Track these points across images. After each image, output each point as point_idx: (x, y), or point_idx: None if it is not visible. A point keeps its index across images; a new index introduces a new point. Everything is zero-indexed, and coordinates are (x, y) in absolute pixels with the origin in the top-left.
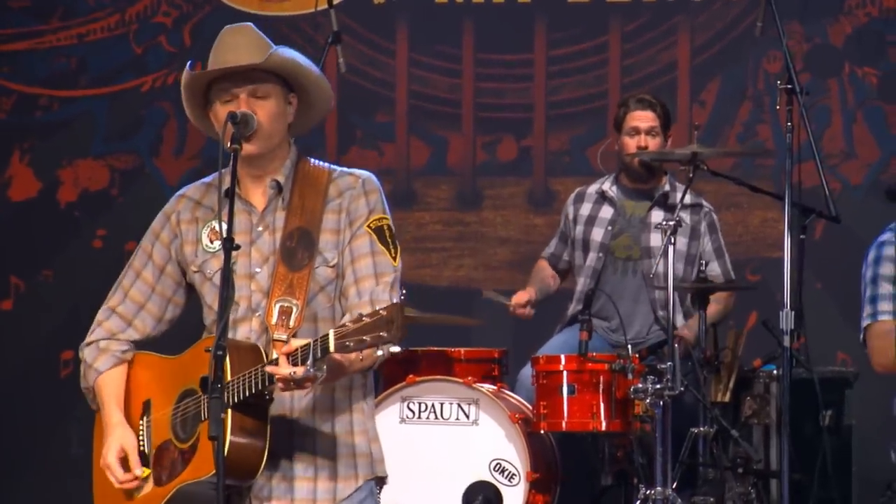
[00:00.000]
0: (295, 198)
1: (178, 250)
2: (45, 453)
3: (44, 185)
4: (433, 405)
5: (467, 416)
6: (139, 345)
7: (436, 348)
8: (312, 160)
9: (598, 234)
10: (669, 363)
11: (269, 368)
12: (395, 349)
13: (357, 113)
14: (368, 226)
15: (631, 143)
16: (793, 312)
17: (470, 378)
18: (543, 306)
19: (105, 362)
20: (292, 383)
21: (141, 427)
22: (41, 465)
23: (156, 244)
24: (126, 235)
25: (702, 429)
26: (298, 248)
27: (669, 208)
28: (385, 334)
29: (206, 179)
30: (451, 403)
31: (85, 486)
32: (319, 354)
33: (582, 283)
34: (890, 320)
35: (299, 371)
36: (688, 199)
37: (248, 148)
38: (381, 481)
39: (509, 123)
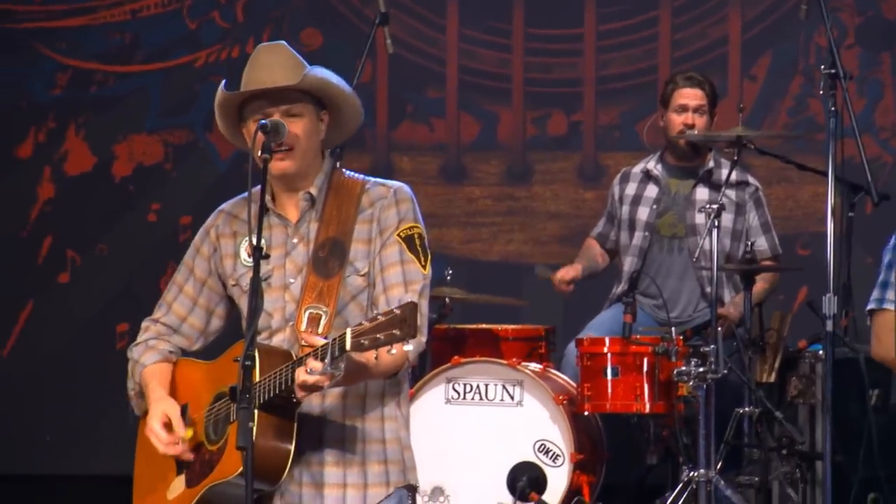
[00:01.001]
0: (328, 209)
1: (218, 263)
2: (101, 424)
3: (99, 160)
4: (478, 386)
5: (512, 398)
6: (181, 355)
7: (484, 325)
8: (347, 172)
9: (643, 214)
10: (713, 346)
11: (297, 373)
12: (409, 348)
13: (408, 88)
14: (398, 235)
15: (678, 121)
16: (836, 297)
17: (515, 359)
18: (594, 283)
19: (151, 357)
20: (309, 382)
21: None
22: (98, 437)
23: (196, 258)
24: (179, 209)
25: (747, 409)
26: (329, 258)
27: (714, 185)
28: (398, 332)
29: (244, 194)
30: (495, 384)
31: None
32: (337, 353)
33: (629, 263)
34: (892, 310)
35: (317, 367)
36: (733, 176)
37: (282, 166)
38: (412, 489)
39: (559, 98)
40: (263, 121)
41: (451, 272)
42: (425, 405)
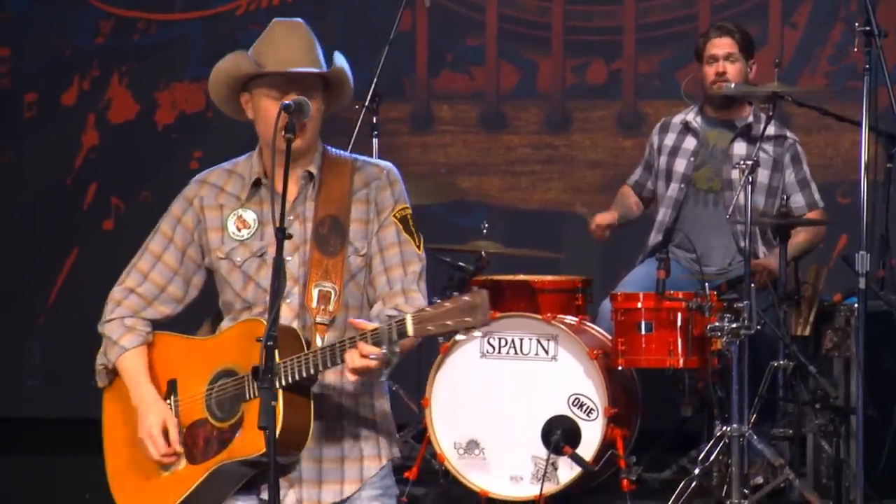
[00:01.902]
0: (324, 187)
1: (202, 234)
2: None
3: (142, 108)
4: (513, 340)
5: (546, 352)
6: (155, 326)
7: (522, 277)
8: (333, 150)
9: (680, 165)
10: (746, 302)
11: (348, 357)
12: (478, 334)
13: (447, 37)
14: (394, 216)
15: (710, 71)
16: (868, 255)
17: (549, 314)
18: (630, 233)
19: (131, 340)
20: (371, 367)
21: (168, 406)
22: None
23: (177, 228)
24: (221, 157)
25: (781, 362)
26: (330, 235)
27: (752, 140)
28: (470, 319)
29: (226, 166)
30: (530, 339)
31: None
32: (396, 337)
33: (663, 214)
34: None
35: (377, 352)
36: (771, 130)
37: (296, 144)
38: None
39: (599, 46)
40: (287, 102)
41: (487, 226)
42: (460, 359)
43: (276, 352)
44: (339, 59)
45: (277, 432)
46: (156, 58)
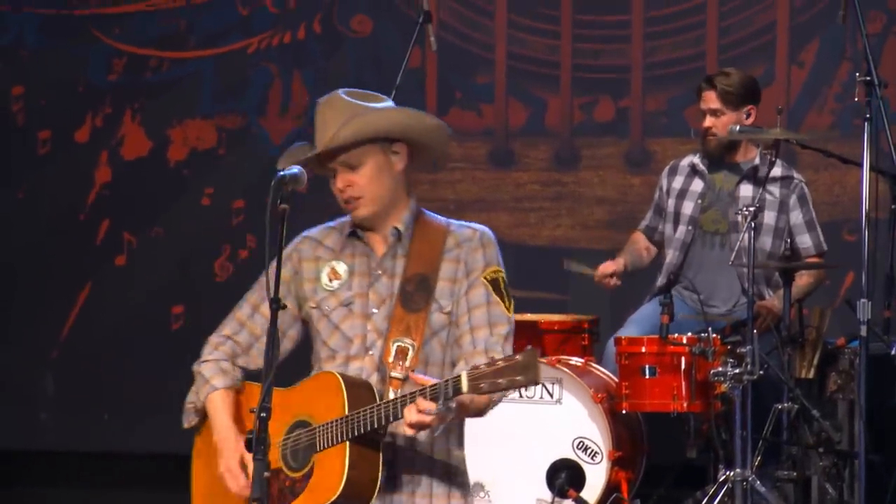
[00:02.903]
0: (415, 245)
1: (298, 287)
2: (156, 403)
3: (154, 144)
4: None
5: (551, 395)
6: (248, 376)
7: (529, 316)
8: (430, 213)
9: (688, 208)
10: (749, 347)
11: (406, 412)
12: (530, 394)
13: (457, 74)
14: (485, 277)
15: (702, 123)
16: (869, 302)
17: (554, 357)
18: (638, 273)
19: (223, 381)
20: (425, 423)
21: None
22: (154, 416)
23: None
24: (233, 194)
25: (785, 405)
26: (416, 293)
27: (758, 181)
28: (521, 378)
29: (332, 223)
30: None
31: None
32: (451, 393)
33: (671, 256)
34: None
35: (432, 408)
36: (778, 171)
37: (358, 214)
38: None
39: (607, 84)
40: (281, 172)
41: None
42: None
43: (346, 407)
44: (353, 121)
45: (341, 485)
46: (168, 95)
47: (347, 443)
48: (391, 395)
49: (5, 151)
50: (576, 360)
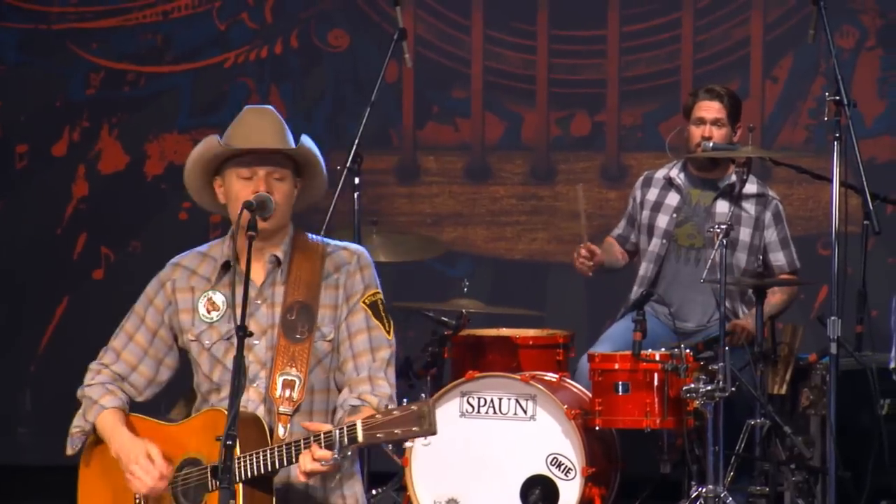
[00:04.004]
0: (293, 272)
1: (173, 316)
2: None
3: (131, 159)
4: (492, 400)
5: (525, 412)
6: (129, 405)
7: (504, 331)
8: (309, 235)
9: (662, 221)
10: (721, 364)
11: (302, 460)
12: (426, 443)
13: (433, 88)
14: (364, 301)
15: (696, 133)
16: (839, 320)
17: (528, 374)
18: (613, 284)
19: (112, 401)
20: (317, 471)
21: (137, 495)
22: None
23: (149, 309)
24: (209, 209)
25: (758, 421)
26: (298, 322)
27: (735, 199)
28: (417, 429)
29: (201, 248)
30: (509, 399)
31: None
32: (346, 442)
33: (645, 268)
34: None
35: (327, 456)
36: (753, 188)
37: (261, 225)
38: None
39: (583, 99)
40: (249, 200)
41: (468, 284)
42: (440, 418)
43: (238, 446)
44: (305, 140)
45: None
46: (146, 109)
47: (240, 485)
48: (280, 431)
49: None
50: (550, 376)
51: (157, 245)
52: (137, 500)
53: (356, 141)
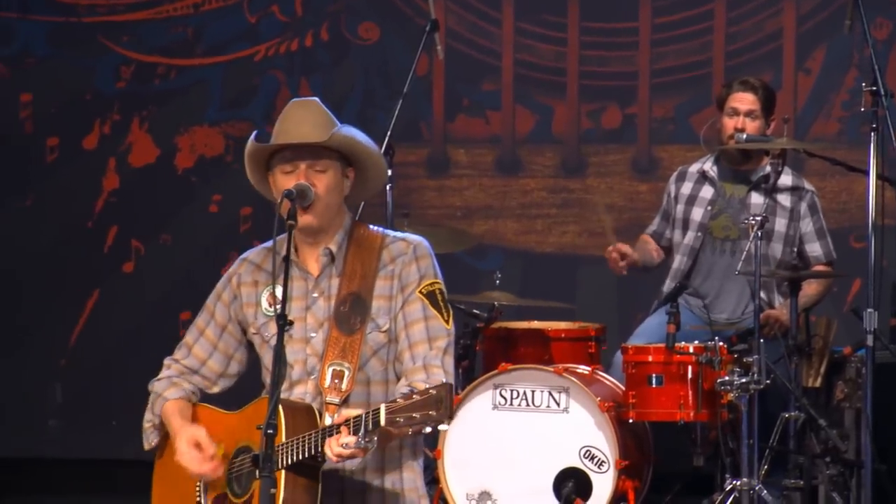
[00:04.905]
0: (348, 264)
1: (239, 311)
2: None
3: (162, 152)
4: (525, 392)
5: (558, 404)
6: (202, 398)
7: (536, 324)
8: (369, 226)
9: (697, 214)
10: (756, 356)
11: (329, 444)
12: (444, 428)
13: (464, 81)
14: (420, 291)
15: (730, 124)
16: (875, 312)
17: (561, 366)
18: (645, 278)
19: (175, 393)
20: (344, 455)
21: (198, 481)
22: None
23: (218, 304)
24: (240, 201)
25: (792, 414)
26: (351, 313)
27: (769, 190)
28: (434, 413)
29: (268, 244)
30: (542, 391)
31: None
32: (371, 426)
33: (679, 261)
34: None
35: (351, 442)
36: (788, 180)
37: (305, 219)
38: None
39: (614, 91)
40: (289, 189)
41: (500, 276)
42: (473, 411)
43: (282, 434)
44: (343, 129)
45: None
46: (176, 102)
47: (283, 471)
48: (328, 421)
49: (14, 159)
50: (583, 369)
51: (187, 238)
52: (198, 487)
53: (388, 133)
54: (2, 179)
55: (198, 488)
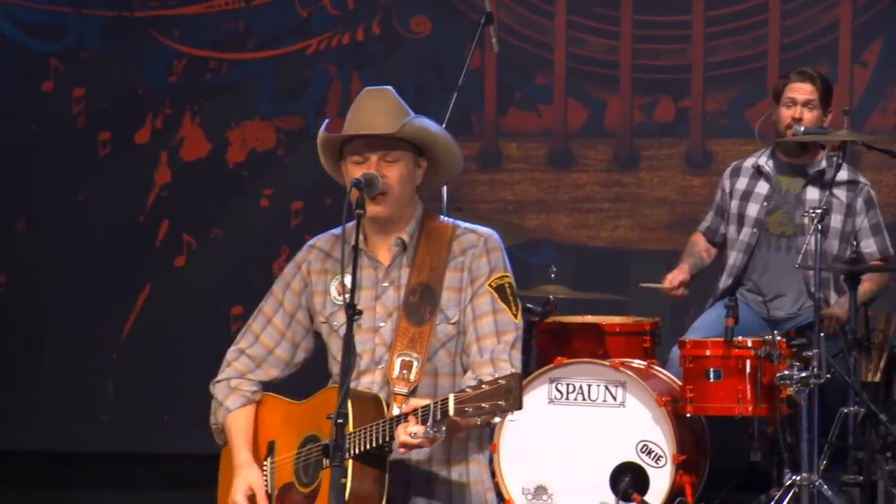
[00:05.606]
0: (419, 255)
1: (309, 299)
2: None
3: (213, 146)
4: (581, 387)
5: (614, 398)
6: (266, 386)
7: (590, 318)
8: (439, 217)
9: (753, 210)
10: (815, 350)
11: (397, 433)
12: (513, 418)
13: (516, 75)
14: (490, 284)
15: (787, 115)
16: None
17: (617, 360)
18: (700, 275)
19: (235, 401)
20: (412, 444)
21: (265, 467)
22: None
23: (287, 292)
24: (291, 195)
25: (851, 409)
26: (421, 304)
27: (825, 185)
28: (503, 403)
29: (336, 231)
30: (598, 385)
31: None
32: (439, 416)
33: (734, 258)
34: None
35: (419, 431)
36: (844, 175)
37: (375, 209)
38: None
39: (667, 84)
40: (356, 178)
41: (555, 270)
42: (528, 405)
43: (351, 422)
44: (414, 119)
45: (346, 499)
46: (227, 96)
47: (351, 460)
48: (395, 411)
49: (66, 153)
50: (639, 363)
51: (238, 232)
52: (265, 475)
53: (443, 126)
54: (55, 174)
55: (265, 477)
